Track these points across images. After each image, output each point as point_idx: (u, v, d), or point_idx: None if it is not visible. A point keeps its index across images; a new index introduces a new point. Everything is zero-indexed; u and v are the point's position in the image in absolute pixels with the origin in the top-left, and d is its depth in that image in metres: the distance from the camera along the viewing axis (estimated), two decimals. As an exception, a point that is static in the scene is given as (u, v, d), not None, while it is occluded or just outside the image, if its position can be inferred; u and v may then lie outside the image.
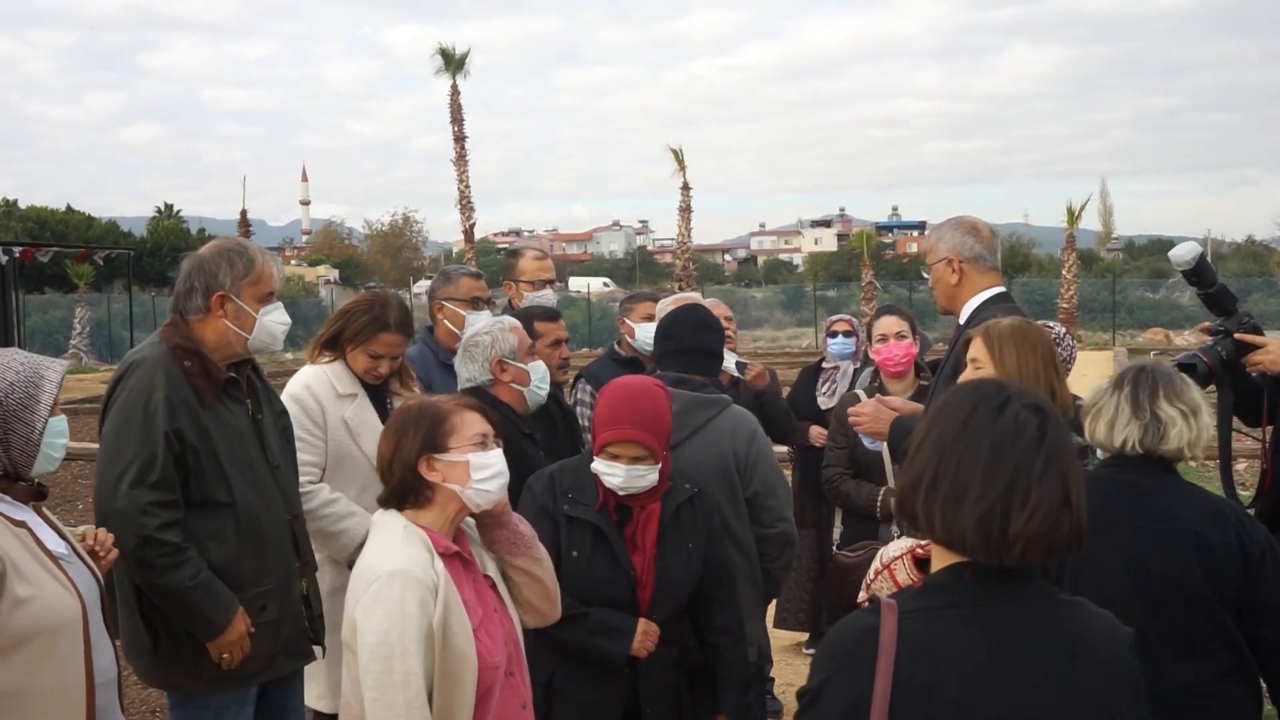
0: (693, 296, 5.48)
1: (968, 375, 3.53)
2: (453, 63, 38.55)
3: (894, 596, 2.06)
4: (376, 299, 4.49)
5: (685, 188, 36.13)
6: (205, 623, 3.51)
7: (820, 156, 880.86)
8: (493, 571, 3.10)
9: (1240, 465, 10.25)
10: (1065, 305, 36.80)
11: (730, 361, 5.63)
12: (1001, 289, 4.25)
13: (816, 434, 6.41)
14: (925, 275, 4.45)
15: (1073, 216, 37.67)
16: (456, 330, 5.15)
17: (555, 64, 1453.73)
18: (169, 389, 3.55)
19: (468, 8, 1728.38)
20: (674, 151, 35.61)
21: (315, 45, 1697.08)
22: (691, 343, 4.22)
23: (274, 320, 3.80)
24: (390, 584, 2.79)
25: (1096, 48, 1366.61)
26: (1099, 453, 3.80)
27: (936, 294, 4.36)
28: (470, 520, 3.11)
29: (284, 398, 4.20)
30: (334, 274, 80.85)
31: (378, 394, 4.46)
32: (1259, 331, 4.04)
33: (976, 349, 3.60)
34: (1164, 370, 3.24)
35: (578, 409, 5.33)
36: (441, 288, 5.39)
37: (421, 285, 75.52)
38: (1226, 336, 4.03)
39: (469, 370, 4.33)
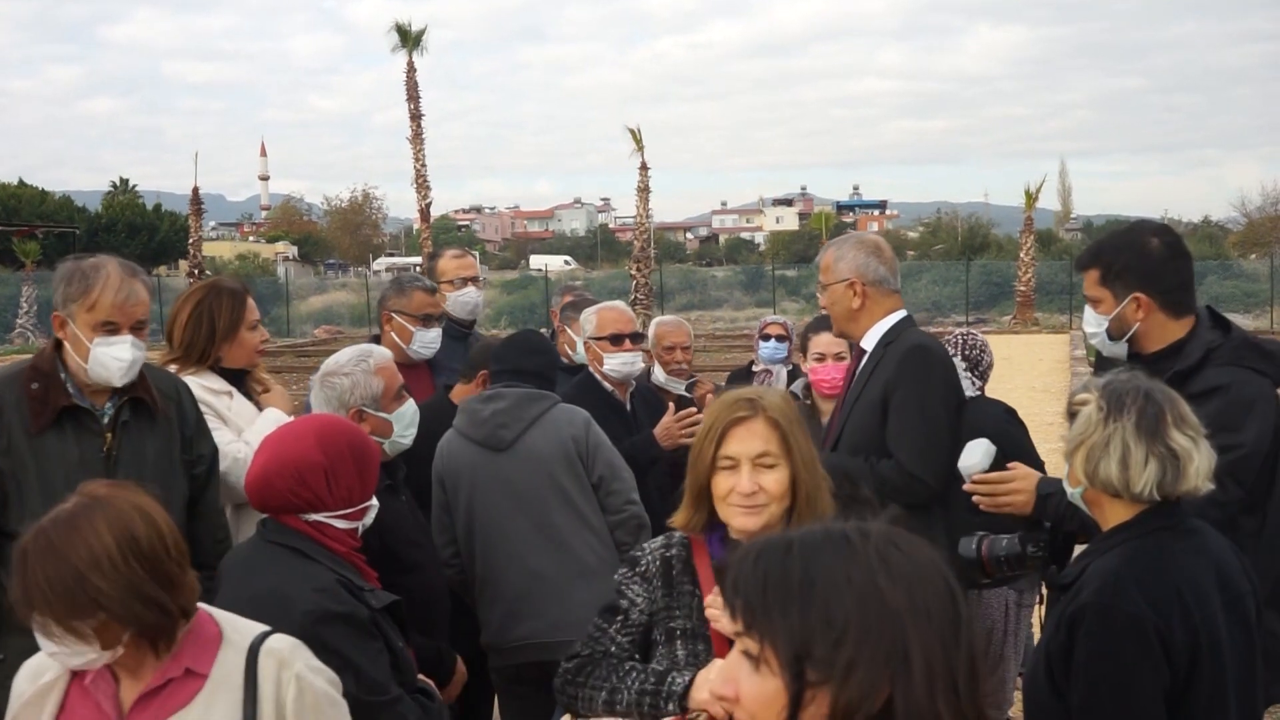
0: (617, 305, 5.24)
1: (746, 481, 2.68)
2: (409, 39, 38.08)
3: None
4: (211, 285, 4.28)
5: (644, 168, 35.90)
6: None
7: (784, 134, 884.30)
8: None
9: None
10: (1023, 288, 36.90)
11: (681, 387, 5.59)
12: (904, 313, 4.07)
13: None
14: (819, 292, 4.23)
15: (1030, 200, 37.73)
16: (403, 345, 4.99)
17: (520, 39, 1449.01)
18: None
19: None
20: (632, 132, 35.39)
21: (278, 18, 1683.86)
22: (519, 364, 4.38)
23: (108, 354, 3.40)
24: None
25: (1059, 28, 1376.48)
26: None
27: (833, 315, 4.15)
28: None
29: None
30: (293, 250, 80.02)
31: (244, 390, 4.26)
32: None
33: (761, 437, 2.71)
34: (1159, 388, 2.74)
35: None
36: (394, 298, 5.14)
37: (381, 262, 75.33)
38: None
39: (321, 411, 3.78)
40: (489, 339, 5.05)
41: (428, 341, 5.05)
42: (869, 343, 4.01)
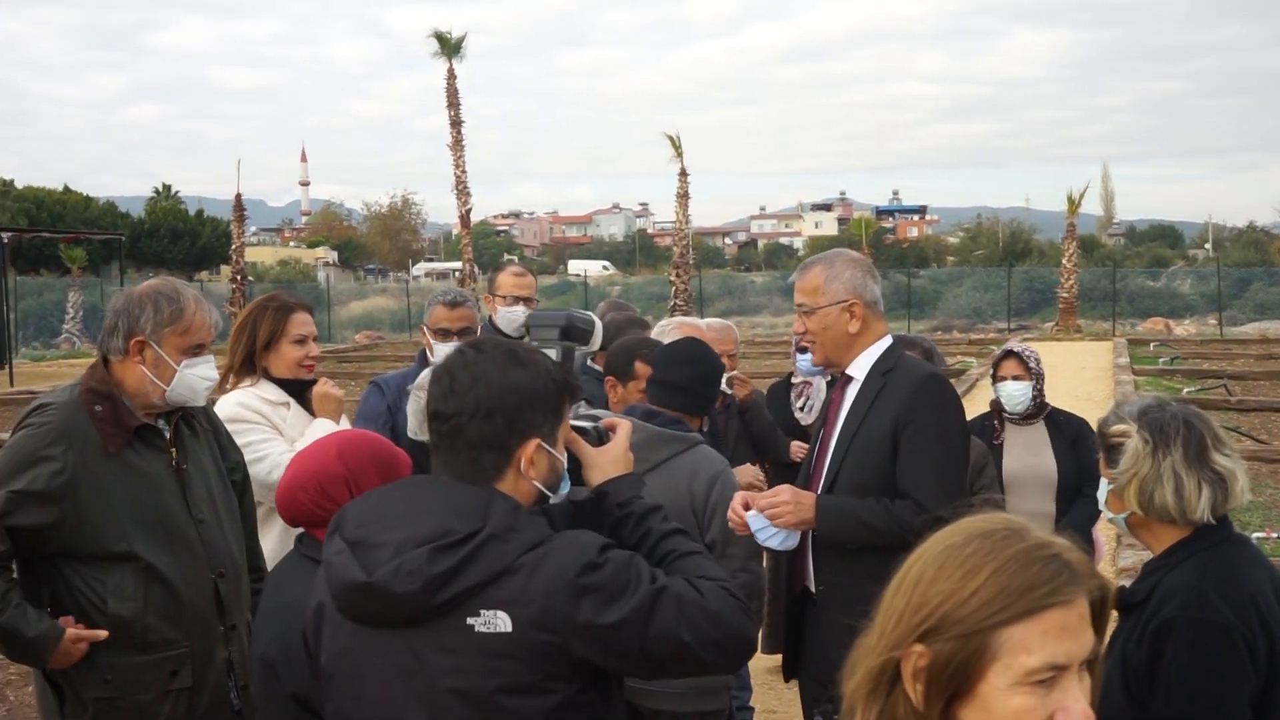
0: (693, 323, 5.14)
1: (1079, 708, 1.49)
2: (448, 46, 38.17)
3: None
4: (264, 299, 4.45)
5: (683, 174, 35.83)
6: (25, 644, 3.24)
7: (822, 139, 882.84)
8: None
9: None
10: (1065, 294, 36.61)
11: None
12: (891, 338, 3.84)
13: (798, 449, 6.20)
14: (802, 317, 3.87)
15: (1073, 205, 37.39)
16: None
17: (560, 45, 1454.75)
18: (65, 438, 3.31)
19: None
20: (670, 138, 35.28)
21: (320, 25, 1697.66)
22: (670, 377, 4.04)
23: (196, 374, 3.51)
24: None
25: (1101, 31, 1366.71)
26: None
27: (820, 343, 3.82)
28: None
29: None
30: (333, 255, 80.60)
31: (304, 401, 4.39)
32: None
33: (1086, 620, 1.63)
34: (1193, 412, 2.85)
35: None
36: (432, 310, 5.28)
37: (421, 267, 75.67)
38: None
39: (411, 421, 3.91)
40: (627, 340, 4.99)
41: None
42: (859, 370, 3.79)
